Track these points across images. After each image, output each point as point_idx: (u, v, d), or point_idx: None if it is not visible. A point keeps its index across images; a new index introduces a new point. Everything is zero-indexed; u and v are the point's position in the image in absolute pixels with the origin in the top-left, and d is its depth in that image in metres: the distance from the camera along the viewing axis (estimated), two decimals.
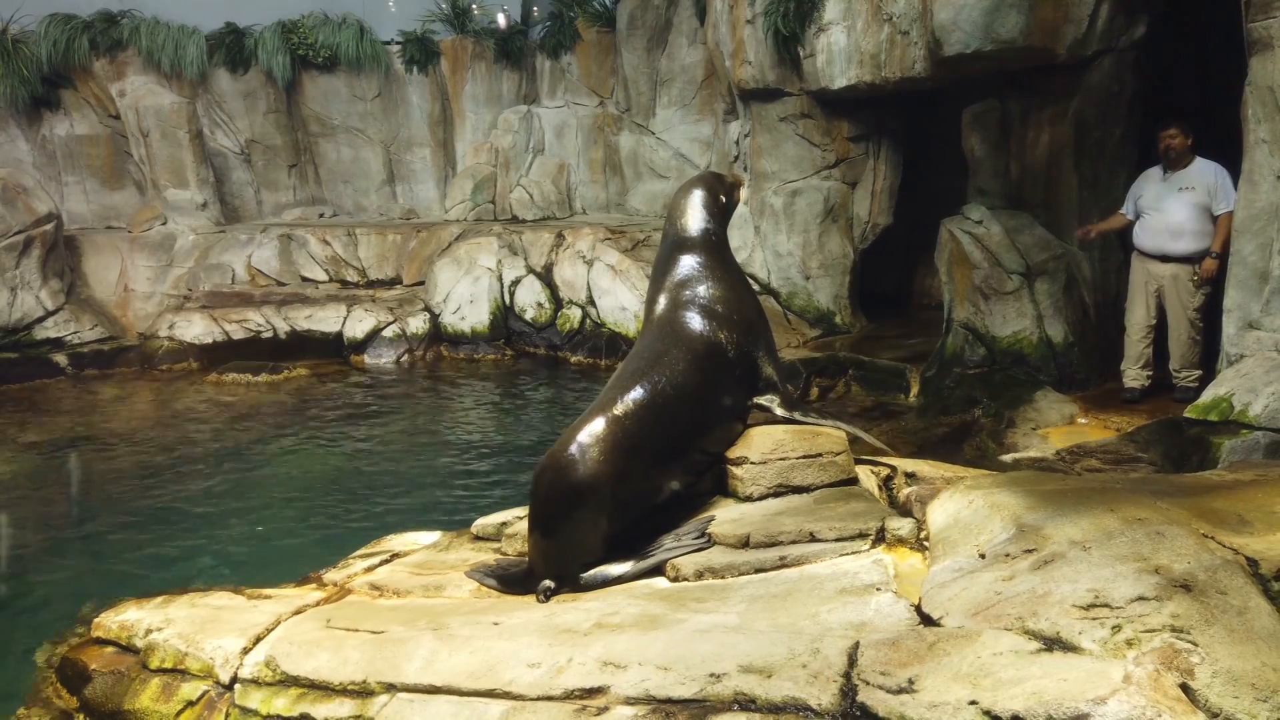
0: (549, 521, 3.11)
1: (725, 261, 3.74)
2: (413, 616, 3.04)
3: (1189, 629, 1.78)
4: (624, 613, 2.69)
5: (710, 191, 3.80)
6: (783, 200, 9.85)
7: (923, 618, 2.26)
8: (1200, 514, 2.27)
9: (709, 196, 3.77)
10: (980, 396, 7.10)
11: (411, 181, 13.82)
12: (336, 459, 7.31)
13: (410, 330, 10.74)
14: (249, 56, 12.68)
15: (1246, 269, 5.71)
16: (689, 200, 3.78)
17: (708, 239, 3.72)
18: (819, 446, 3.39)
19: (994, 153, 7.83)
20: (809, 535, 2.91)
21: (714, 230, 3.75)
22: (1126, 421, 6.53)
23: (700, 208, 3.76)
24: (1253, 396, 4.78)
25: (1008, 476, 2.94)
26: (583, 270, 10.84)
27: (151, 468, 7.10)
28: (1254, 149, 5.67)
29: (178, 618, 3.35)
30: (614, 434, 3.08)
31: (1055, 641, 1.91)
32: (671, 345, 3.41)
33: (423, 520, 5.35)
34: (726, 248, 3.82)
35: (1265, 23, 5.46)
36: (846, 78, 8.60)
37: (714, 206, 3.77)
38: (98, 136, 12.33)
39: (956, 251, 7.56)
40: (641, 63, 12.50)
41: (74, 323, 10.38)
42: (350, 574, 3.84)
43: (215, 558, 5.43)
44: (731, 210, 3.91)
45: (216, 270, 11.44)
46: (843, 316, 9.93)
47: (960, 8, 7.11)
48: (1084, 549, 2.16)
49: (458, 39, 13.43)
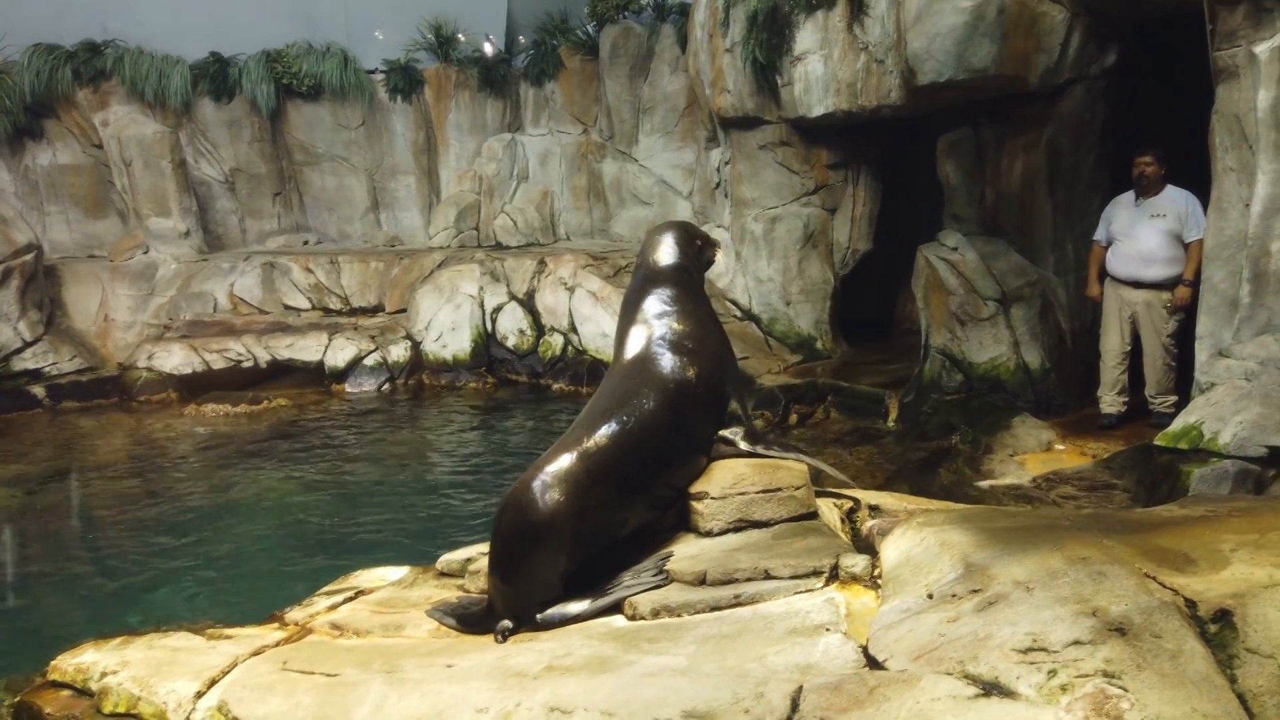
0: (508, 560, 3.09)
1: (695, 297, 3.73)
2: (369, 658, 3.01)
3: (1121, 674, 1.77)
4: (577, 654, 2.67)
5: (686, 234, 3.83)
6: (763, 227, 9.90)
7: (869, 660, 2.25)
8: (1145, 552, 2.26)
9: (684, 237, 3.79)
10: (958, 422, 7.12)
11: (396, 209, 13.85)
12: (313, 491, 7.27)
13: (392, 358, 10.72)
14: (233, 85, 12.72)
15: (1217, 296, 5.76)
16: (662, 238, 3.79)
17: (679, 275, 3.71)
18: (779, 480, 3.38)
19: (969, 180, 7.89)
20: (764, 573, 2.90)
21: (686, 268, 3.75)
22: (1103, 448, 6.55)
23: (673, 244, 3.76)
24: (1221, 425, 4.79)
25: (960, 513, 2.93)
26: (564, 297, 10.85)
27: (126, 502, 7.05)
28: (1222, 177, 5.73)
29: (134, 660, 3.31)
30: (577, 473, 3.06)
31: (993, 686, 1.90)
32: (642, 384, 3.39)
33: (398, 554, 5.31)
34: (697, 286, 3.80)
35: (1230, 51, 5.53)
36: (824, 106, 8.69)
37: (688, 249, 3.78)
38: (81, 166, 12.34)
39: (933, 278, 7.60)
40: (624, 90, 12.58)
41: (52, 354, 10.33)
42: (313, 612, 3.80)
43: (185, 595, 5.39)
44: (705, 263, 3.91)
45: (198, 299, 11.42)
46: (824, 342, 9.96)
47: (933, 37, 7.19)
48: (1027, 589, 2.15)
49: (442, 67, 13.50)
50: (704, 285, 3.91)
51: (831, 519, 3.49)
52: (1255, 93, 5.37)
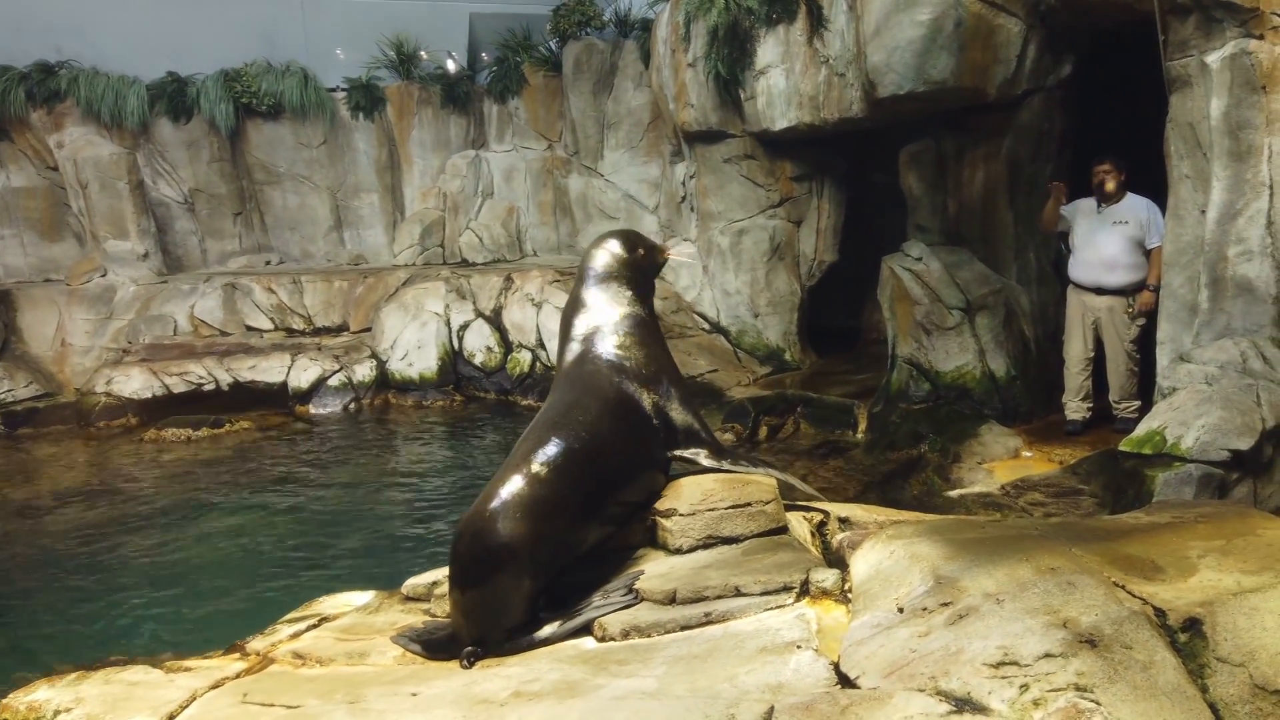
0: (469, 585, 3.03)
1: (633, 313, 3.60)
2: (331, 688, 2.93)
3: (1093, 687, 1.74)
4: (544, 679, 2.61)
5: (626, 244, 3.70)
6: (729, 239, 9.92)
7: (840, 677, 2.22)
8: (1113, 560, 2.25)
9: (624, 247, 3.68)
10: (926, 431, 7.15)
11: (359, 227, 13.72)
12: (276, 516, 7.13)
13: (357, 378, 10.59)
14: (191, 105, 12.55)
15: (1176, 302, 5.83)
16: (600, 250, 3.68)
17: (618, 289, 3.61)
18: (748, 495, 3.34)
19: (931, 190, 7.95)
20: (734, 590, 2.86)
21: (626, 280, 3.63)
22: (1069, 454, 6.59)
23: (610, 257, 3.65)
24: (1184, 429, 4.83)
25: (929, 524, 2.91)
26: (532, 313, 10.79)
27: (83, 531, 6.87)
28: (1178, 184, 5.81)
29: (89, 696, 3.20)
30: (531, 490, 3.01)
31: (966, 702, 1.87)
32: (581, 394, 3.36)
33: (363, 578, 5.20)
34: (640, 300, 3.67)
35: (1183, 61, 5.61)
36: (787, 119, 8.72)
37: (629, 259, 3.66)
38: (35, 189, 12.11)
39: (898, 288, 7.63)
40: (588, 106, 12.58)
41: (7, 380, 10.10)
42: (275, 641, 3.71)
43: (145, 625, 5.24)
44: (650, 269, 3.79)
45: (158, 322, 11.22)
46: (792, 353, 9.98)
47: (892, 50, 7.25)
48: (997, 602, 2.13)
49: (403, 85, 13.43)
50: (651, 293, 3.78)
51: (802, 533, 3.46)
52: (1208, 101, 5.45)
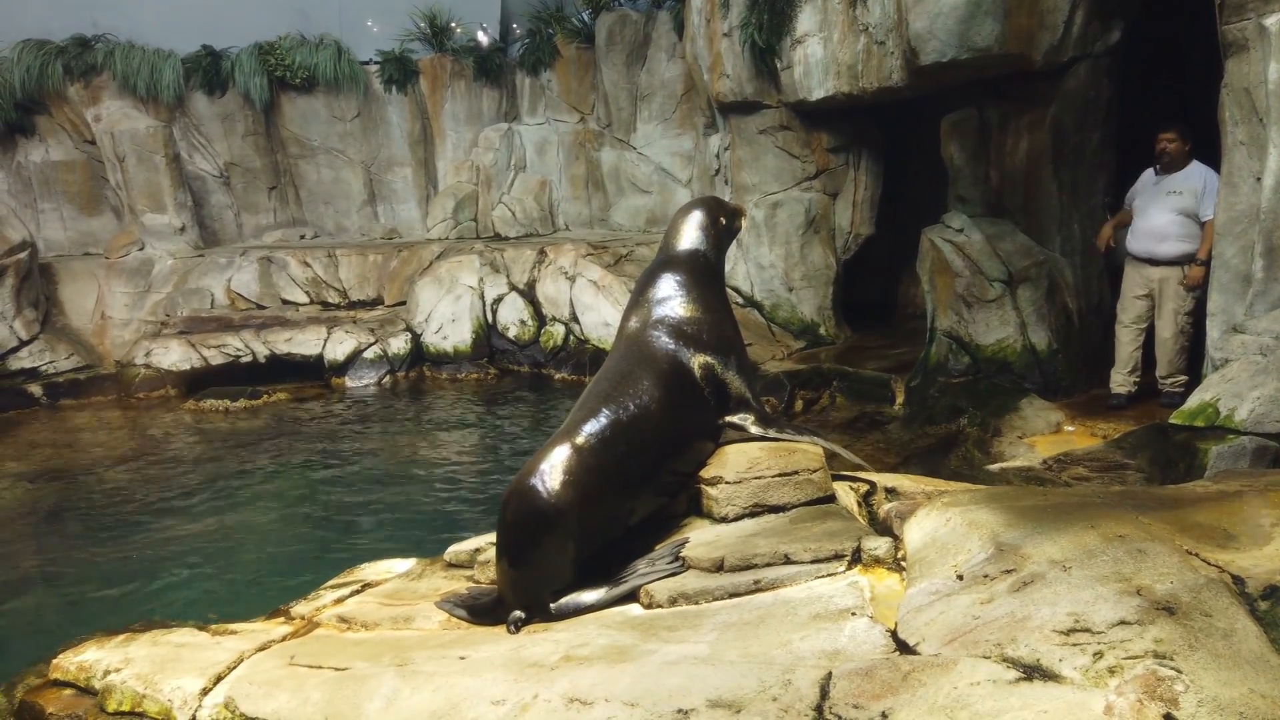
0: (517, 550, 3.01)
1: (705, 281, 3.66)
2: (378, 651, 2.93)
3: (1172, 655, 1.69)
4: (594, 644, 2.59)
5: (709, 213, 3.75)
6: (764, 212, 9.80)
7: (898, 644, 2.17)
8: (1183, 529, 2.18)
9: (706, 218, 3.73)
10: (965, 406, 7.03)
11: (393, 201, 13.73)
12: (314, 485, 7.19)
13: (392, 351, 10.63)
14: (226, 79, 12.60)
15: (1229, 272, 5.66)
16: (684, 220, 3.75)
17: (694, 259, 3.67)
18: (795, 464, 3.30)
19: (973, 161, 7.79)
20: (784, 557, 2.82)
21: (704, 252, 3.70)
22: (1113, 428, 6.47)
23: (695, 228, 3.72)
24: (1238, 401, 4.70)
25: (986, 492, 2.85)
26: (565, 287, 10.76)
27: (125, 499, 6.96)
28: (1232, 151, 5.63)
29: (137, 657, 3.23)
30: (579, 458, 2.99)
31: (1035, 669, 1.82)
32: (636, 364, 3.33)
33: (402, 546, 5.23)
34: (715, 270, 3.75)
35: (1240, 24, 5.42)
36: (824, 89, 8.58)
37: (710, 228, 3.72)
38: (74, 162, 12.21)
39: (938, 260, 7.51)
40: (621, 78, 12.46)
41: (49, 352, 10.24)
42: (319, 606, 3.72)
43: (188, 591, 5.31)
44: (730, 236, 3.87)
45: (195, 295, 11.32)
46: (827, 328, 9.87)
47: (935, 16, 7.09)
48: (1064, 569, 2.07)
49: (436, 58, 13.37)
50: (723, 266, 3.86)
51: (848, 502, 3.41)
52: (1265, 65, 5.26)
